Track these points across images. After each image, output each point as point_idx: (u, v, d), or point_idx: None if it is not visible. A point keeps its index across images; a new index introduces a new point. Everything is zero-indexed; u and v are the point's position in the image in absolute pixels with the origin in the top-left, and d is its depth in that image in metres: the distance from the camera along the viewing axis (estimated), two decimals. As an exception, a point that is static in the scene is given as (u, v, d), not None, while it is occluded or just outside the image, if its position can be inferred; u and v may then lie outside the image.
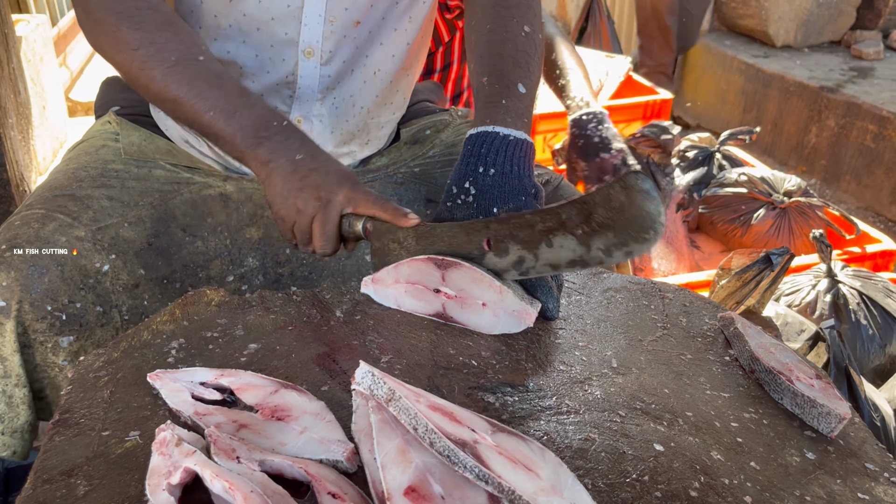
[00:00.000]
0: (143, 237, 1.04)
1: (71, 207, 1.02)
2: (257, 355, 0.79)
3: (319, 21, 1.05)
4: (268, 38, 1.06)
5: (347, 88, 1.12)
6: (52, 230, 0.98)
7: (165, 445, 0.58)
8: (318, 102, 1.11)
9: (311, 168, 0.90)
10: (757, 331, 0.88)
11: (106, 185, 1.06)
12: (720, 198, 2.22)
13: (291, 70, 1.08)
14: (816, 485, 0.68)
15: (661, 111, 2.87)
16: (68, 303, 0.95)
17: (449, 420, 0.61)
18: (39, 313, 0.93)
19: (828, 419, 0.74)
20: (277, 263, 1.11)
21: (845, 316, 1.60)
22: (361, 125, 1.17)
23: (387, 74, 1.15)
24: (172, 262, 1.05)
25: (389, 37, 1.12)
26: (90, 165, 1.09)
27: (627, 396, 0.75)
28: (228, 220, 1.09)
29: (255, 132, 0.92)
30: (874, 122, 2.96)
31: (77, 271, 0.97)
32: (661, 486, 0.64)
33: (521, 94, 0.96)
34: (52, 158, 3.09)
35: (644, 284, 0.98)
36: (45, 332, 0.94)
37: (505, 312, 0.83)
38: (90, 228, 1.00)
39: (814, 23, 3.60)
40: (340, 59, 1.09)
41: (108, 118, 1.18)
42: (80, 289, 0.97)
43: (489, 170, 0.90)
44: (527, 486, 0.57)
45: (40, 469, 0.64)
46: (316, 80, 1.09)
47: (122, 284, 1.00)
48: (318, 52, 1.07)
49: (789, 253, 1.05)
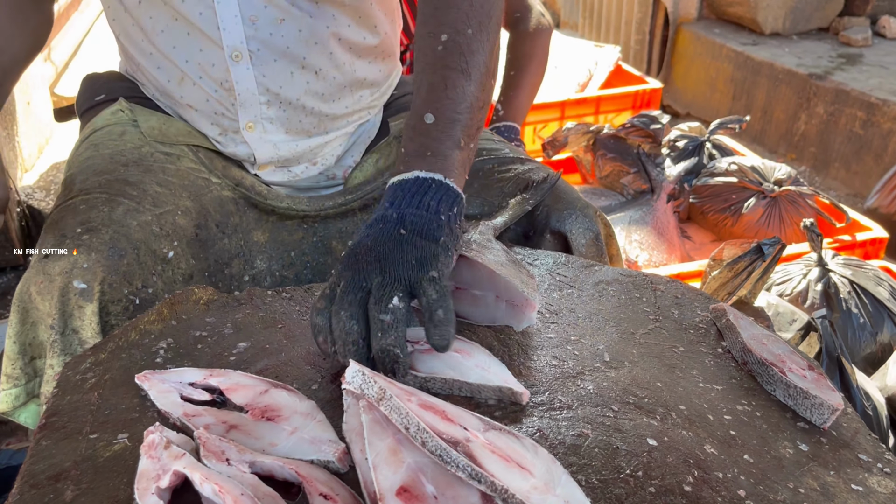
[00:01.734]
0: (192, 227, 1.02)
1: (130, 192, 1.00)
2: (246, 354, 0.78)
3: (237, 22, 1.02)
4: (195, 42, 1.04)
5: (291, 91, 1.09)
6: (123, 213, 0.96)
7: (154, 448, 0.57)
8: (264, 106, 1.09)
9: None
10: (749, 322, 0.88)
11: (150, 170, 1.05)
12: (710, 187, 2.22)
13: (224, 76, 1.06)
14: (810, 476, 0.68)
15: (651, 100, 2.87)
16: (142, 287, 0.93)
17: (441, 418, 0.61)
18: (116, 294, 0.91)
19: (820, 410, 0.74)
20: (283, 266, 1.11)
21: (836, 305, 1.60)
22: (317, 124, 1.15)
23: (329, 72, 1.11)
24: (208, 257, 1.04)
25: (322, 34, 1.08)
26: (125, 151, 1.07)
27: (620, 391, 0.74)
28: (241, 222, 1.09)
29: None
30: (863, 108, 2.96)
31: (150, 256, 0.95)
32: (655, 481, 0.63)
33: (428, 126, 0.86)
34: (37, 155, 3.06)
35: (636, 277, 0.97)
36: (118, 316, 0.91)
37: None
38: (154, 213, 0.98)
39: (802, 10, 3.60)
40: (272, 59, 1.06)
41: (118, 106, 1.16)
42: (151, 274, 0.95)
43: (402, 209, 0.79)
44: (520, 484, 0.56)
45: (27, 474, 0.63)
46: (252, 83, 1.07)
47: (182, 274, 0.99)
48: (245, 53, 1.04)
49: (781, 243, 1.05)
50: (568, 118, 2.79)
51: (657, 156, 2.29)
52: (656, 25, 3.99)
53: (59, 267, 0.89)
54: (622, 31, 4.22)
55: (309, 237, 1.12)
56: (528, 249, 1.03)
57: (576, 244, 1.10)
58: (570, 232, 1.10)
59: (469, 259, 0.83)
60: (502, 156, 1.19)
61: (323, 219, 1.13)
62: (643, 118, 2.33)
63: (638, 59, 4.09)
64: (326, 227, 1.13)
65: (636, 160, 2.29)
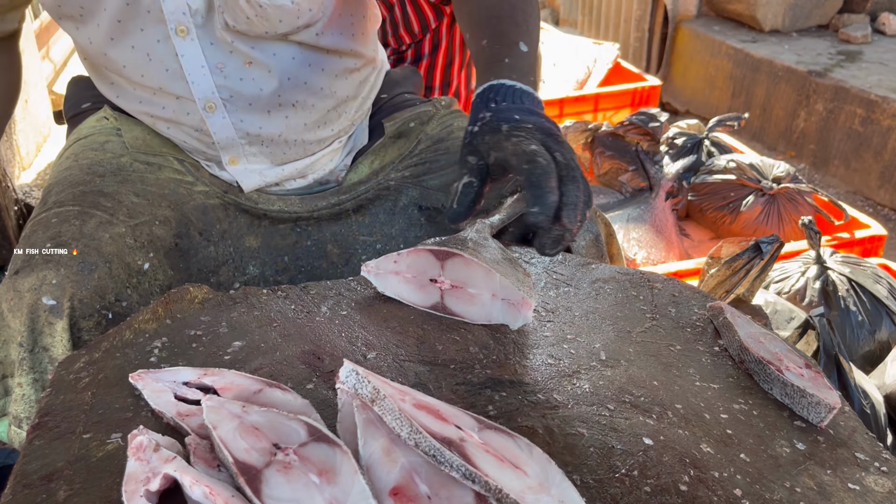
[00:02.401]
0: (171, 237, 1.01)
1: (104, 203, 0.99)
2: (241, 353, 0.78)
3: (205, 73, 1.00)
4: (163, 100, 1.03)
5: (271, 128, 1.07)
6: (95, 227, 0.95)
7: (143, 451, 0.57)
8: (246, 145, 1.08)
9: None
10: (746, 320, 0.87)
11: (128, 181, 1.04)
12: (709, 185, 2.21)
13: (199, 125, 1.05)
14: (807, 476, 0.67)
15: (650, 98, 2.87)
16: (115, 301, 0.92)
17: (435, 418, 0.60)
18: (88, 310, 0.90)
19: (817, 409, 0.74)
20: (276, 271, 1.10)
21: (835, 302, 1.60)
22: (302, 150, 1.13)
23: (307, 101, 1.08)
24: (190, 266, 1.03)
25: (293, 68, 1.05)
26: (103, 161, 1.06)
27: (616, 389, 0.74)
28: (231, 228, 1.08)
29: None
30: (862, 105, 2.96)
31: (123, 269, 0.94)
32: (651, 480, 0.63)
33: (524, 53, 0.92)
34: (35, 153, 3.05)
35: (633, 275, 0.97)
36: (90, 332, 0.90)
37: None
38: (128, 225, 0.97)
39: (801, 7, 3.60)
40: (246, 103, 1.04)
41: (104, 114, 1.15)
42: (125, 287, 0.94)
43: (501, 103, 0.86)
44: (514, 484, 0.56)
45: (20, 474, 0.63)
46: (230, 129, 1.05)
47: (159, 285, 0.98)
48: (218, 103, 1.02)
49: (779, 241, 1.05)
50: (567, 115, 2.79)
51: (655, 153, 2.29)
52: (655, 23, 3.98)
53: (28, 283, 0.88)
54: (621, 29, 4.22)
55: (303, 241, 1.11)
56: (524, 247, 1.02)
57: (575, 245, 1.09)
58: None
59: (464, 257, 0.83)
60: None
61: (317, 221, 1.12)
62: (641, 116, 2.33)
63: (637, 57, 4.09)
64: (321, 230, 1.12)
65: (635, 158, 2.29)
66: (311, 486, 0.55)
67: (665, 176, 2.25)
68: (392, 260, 0.87)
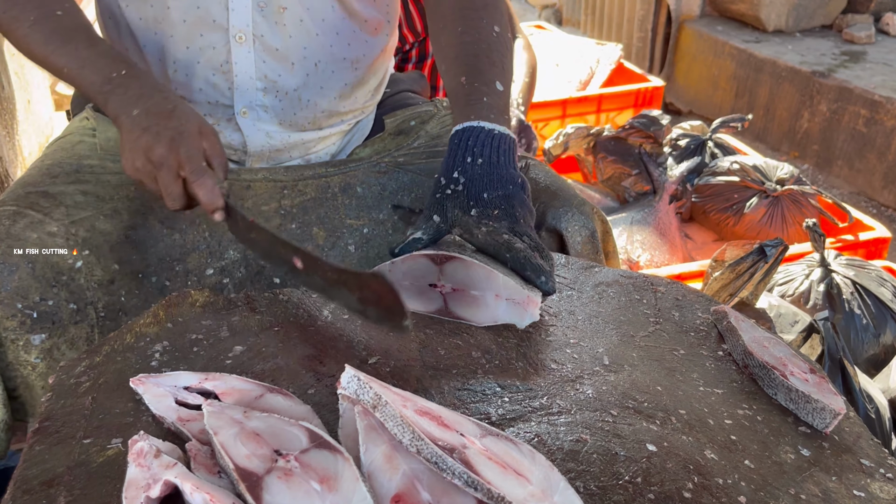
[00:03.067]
0: (121, 229, 1.02)
1: (43, 203, 1.00)
2: (242, 358, 0.78)
3: (247, 5, 1.04)
4: (196, 27, 1.05)
5: (290, 81, 1.10)
6: (23, 227, 0.96)
7: (143, 457, 0.56)
8: (261, 93, 1.10)
9: (144, 128, 0.90)
10: (750, 324, 0.87)
11: (80, 181, 1.05)
12: (712, 187, 2.20)
13: (225, 58, 1.07)
14: (811, 482, 0.67)
15: (653, 98, 2.86)
16: (39, 300, 0.94)
17: (437, 425, 0.60)
18: (9, 311, 0.92)
19: (822, 415, 0.73)
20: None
21: (839, 305, 1.59)
22: (311, 119, 1.15)
23: (328, 66, 1.12)
24: (148, 256, 1.03)
25: (320, 27, 1.10)
26: (65, 161, 1.08)
27: (619, 395, 0.74)
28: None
29: (100, 87, 0.93)
30: (866, 106, 2.94)
31: (49, 268, 0.95)
32: (655, 487, 0.62)
33: (499, 92, 0.98)
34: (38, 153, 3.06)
35: (636, 278, 0.96)
36: (15, 330, 0.92)
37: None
38: (62, 223, 0.99)
39: (805, 7, 3.58)
40: (274, 47, 1.08)
41: (85, 114, 1.17)
42: (52, 286, 0.95)
43: (477, 160, 0.91)
44: (517, 491, 0.56)
45: (20, 479, 0.63)
46: (252, 66, 1.08)
47: (97, 280, 0.98)
48: (248, 36, 1.06)
49: (783, 244, 1.04)
50: (569, 116, 2.78)
51: (659, 155, 2.28)
52: (658, 23, 3.97)
53: None
54: (624, 29, 4.21)
55: (287, 224, 1.10)
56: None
57: (571, 242, 1.09)
58: (566, 230, 1.09)
59: (464, 259, 0.83)
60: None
61: (301, 205, 1.12)
62: (643, 119, 2.32)
63: (640, 57, 4.08)
64: (306, 213, 1.11)
65: (638, 161, 2.28)
66: (312, 494, 0.54)
67: (669, 179, 2.24)
68: (387, 269, 0.86)
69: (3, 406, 0.96)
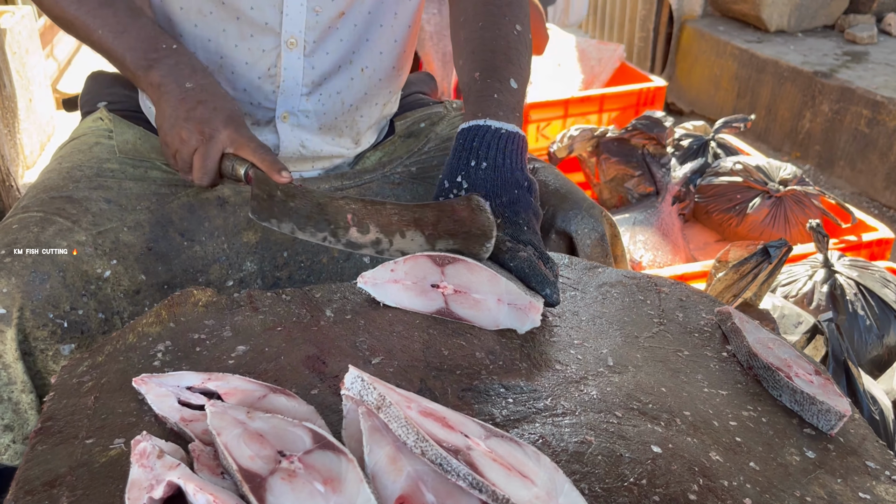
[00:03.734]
0: (143, 241, 1.01)
1: (70, 210, 0.98)
2: (245, 358, 0.77)
3: (301, 10, 1.03)
4: (248, 27, 1.04)
5: (334, 85, 1.10)
6: (53, 234, 0.95)
7: (146, 457, 0.56)
8: (304, 98, 1.09)
9: (200, 100, 0.90)
10: (755, 325, 0.86)
11: (103, 187, 1.03)
12: (715, 187, 2.20)
13: (273, 62, 1.06)
14: (817, 485, 0.66)
15: (655, 98, 2.85)
16: (70, 310, 0.92)
17: (441, 426, 0.60)
18: (41, 321, 0.90)
19: (827, 416, 0.73)
20: (275, 267, 1.08)
21: (842, 307, 1.59)
22: (349, 122, 1.15)
23: (375, 72, 1.13)
24: (172, 268, 1.02)
25: (376, 33, 1.10)
26: (85, 165, 1.06)
27: (624, 396, 0.73)
28: (225, 224, 1.06)
29: (144, 53, 0.92)
30: (868, 106, 2.94)
31: (79, 277, 0.94)
32: (660, 489, 0.62)
33: (513, 89, 0.96)
34: (39, 152, 3.05)
35: (639, 279, 0.96)
36: (46, 340, 0.91)
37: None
38: (90, 233, 0.97)
39: (807, 7, 3.58)
40: (324, 52, 1.07)
41: (99, 114, 1.15)
42: (82, 295, 0.94)
43: (481, 163, 0.89)
44: (521, 493, 0.55)
45: (22, 480, 0.62)
46: (300, 72, 1.07)
47: (124, 290, 0.98)
48: (300, 42, 1.05)
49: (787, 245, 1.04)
50: (571, 116, 2.78)
51: (662, 156, 2.27)
52: (660, 23, 3.97)
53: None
54: (626, 29, 4.20)
55: None
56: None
57: (581, 244, 1.09)
58: (576, 232, 1.09)
59: (468, 262, 0.82)
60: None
61: None
62: (645, 121, 2.31)
63: (642, 57, 4.08)
64: None
65: (641, 162, 2.28)
66: (315, 495, 0.54)
67: (672, 180, 2.24)
68: (389, 269, 0.86)
69: (37, 413, 0.94)
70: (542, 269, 0.84)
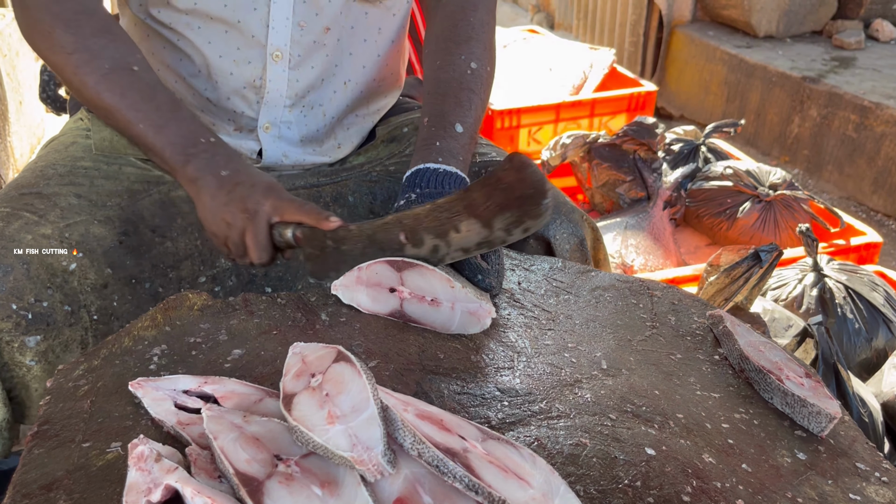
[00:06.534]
0: (113, 236, 1.02)
1: (37, 205, 0.99)
2: (241, 361, 0.78)
3: (287, 24, 1.05)
4: (234, 40, 1.05)
5: (317, 97, 1.12)
6: (18, 228, 0.96)
7: (144, 461, 0.56)
8: (287, 109, 1.11)
9: (237, 182, 0.91)
10: (746, 329, 0.87)
11: (74, 183, 1.04)
12: (706, 191, 2.22)
13: (259, 74, 1.07)
14: (808, 486, 0.67)
15: (646, 103, 2.87)
16: (35, 301, 0.93)
17: (438, 428, 0.60)
18: (4, 312, 0.91)
19: (818, 419, 0.74)
20: (251, 264, 1.09)
21: (832, 310, 1.60)
22: (329, 133, 1.16)
23: (357, 85, 1.15)
24: (142, 262, 1.03)
25: (359, 47, 1.12)
26: (59, 163, 1.07)
27: (618, 399, 0.74)
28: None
29: (183, 149, 0.93)
30: (856, 111, 2.97)
31: (44, 270, 0.95)
32: (654, 491, 0.63)
33: (458, 134, 0.99)
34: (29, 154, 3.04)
35: (632, 283, 0.97)
36: (10, 332, 0.92)
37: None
38: (57, 226, 0.98)
39: (795, 13, 3.61)
40: (309, 66, 1.09)
41: (80, 115, 1.16)
42: (46, 287, 0.94)
43: (424, 189, 0.93)
44: (518, 495, 0.56)
45: (19, 483, 0.62)
46: (284, 84, 1.09)
47: (91, 284, 0.98)
48: (286, 55, 1.07)
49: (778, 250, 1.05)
50: (563, 121, 2.79)
51: (654, 161, 2.29)
52: (650, 27, 3.99)
53: None
54: (616, 33, 4.22)
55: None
56: (524, 254, 1.02)
57: (559, 249, 1.07)
58: (554, 237, 1.07)
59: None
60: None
61: None
62: (637, 127, 2.33)
63: (632, 61, 4.10)
64: None
65: (632, 167, 2.29)
66: (313, 498, 0.54)
67: (663, 185, 2.25)
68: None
69: (4, 405, 0.95)
70: (476, 259, 0.87)
